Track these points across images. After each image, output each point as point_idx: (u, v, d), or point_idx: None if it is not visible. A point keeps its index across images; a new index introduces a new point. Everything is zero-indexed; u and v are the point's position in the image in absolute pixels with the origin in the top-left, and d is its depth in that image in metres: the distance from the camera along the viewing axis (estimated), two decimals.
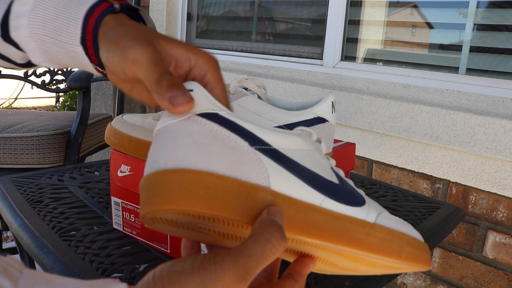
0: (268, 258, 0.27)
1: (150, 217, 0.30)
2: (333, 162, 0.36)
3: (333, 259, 0.35)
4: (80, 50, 0.37)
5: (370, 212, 0.33)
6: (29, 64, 0.43)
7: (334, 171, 0.34)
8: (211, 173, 0.28)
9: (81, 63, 0.38)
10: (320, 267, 0.37)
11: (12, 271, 0.23)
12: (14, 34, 0.39)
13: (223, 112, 0.31)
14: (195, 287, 0.24)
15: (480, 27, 1.08)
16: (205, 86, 0.35)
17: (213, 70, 0.35)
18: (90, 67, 0.39)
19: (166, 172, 0.29)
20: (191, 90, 0.31)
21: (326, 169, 0.33)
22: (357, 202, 0.33)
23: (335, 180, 0.33)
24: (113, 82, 0.37)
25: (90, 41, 0.36)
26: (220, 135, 0.30)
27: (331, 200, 0.32)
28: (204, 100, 0.31)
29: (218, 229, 0.32)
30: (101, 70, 0.38)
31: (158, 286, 0.25)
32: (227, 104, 0.35)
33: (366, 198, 0.35)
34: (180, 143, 0.29)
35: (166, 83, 0.30)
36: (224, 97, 0.35)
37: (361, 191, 0.36)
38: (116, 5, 0.37)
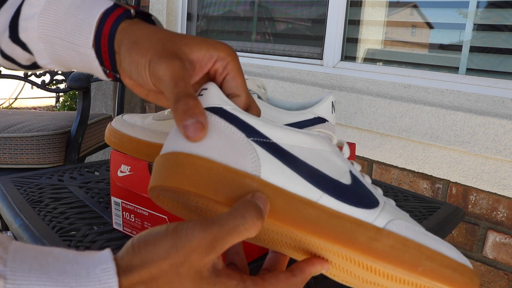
0: (239, 232, 0.27)
1: (152, 194, 0.34)
2: (357, 168, 0.35)
3: (346, 265, 0.33)
4: (92, 53, 0.37)
5: (381, 216, 0.31)
6: (33, 66, 0.43)
7: (352, 175, 0.33)
8: (200, 157, 0.31)
9: (90, 66, 0.39)
10: (337, 274, 0.36)
11: (5, 241, 0.26)
12: (23, 35, 0.39)
13: (229, 107, 0.33)
14: (166, 249, 0.27)
15: (480, 27, 1.08)
16: (226, 76, 0.36)
17: (233, 61, 0.36)
18: (99, 71, 0.39)
19: (164, 155, 0.32)
20: (205, 89, 0.33)
21: (339, 171, 0.32)
22: (366, 204, 0.32)
23: (345, 180, 0.32)
24: (129, 86, 0.38)
25: (105, 46, 0.37)
26: (219, 126, 0.32)
27: (331, 197, 0.31)
28: (214, 96, 0.33)
29: (212, 212, 0.33)
30: (113, 74, 0.38)
31: (135, 247, 0.27)
32: (246, 91, 0.37)
33: (387, 205, 0.33)
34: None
35: (181, 108, 0.31)
36: (244, 85, 0.37)
37: (387, 200, 0.33)
38: (132, 11, 0.37)
